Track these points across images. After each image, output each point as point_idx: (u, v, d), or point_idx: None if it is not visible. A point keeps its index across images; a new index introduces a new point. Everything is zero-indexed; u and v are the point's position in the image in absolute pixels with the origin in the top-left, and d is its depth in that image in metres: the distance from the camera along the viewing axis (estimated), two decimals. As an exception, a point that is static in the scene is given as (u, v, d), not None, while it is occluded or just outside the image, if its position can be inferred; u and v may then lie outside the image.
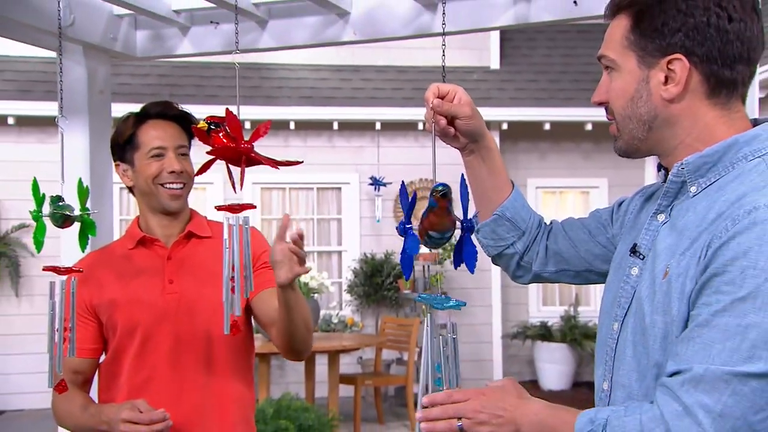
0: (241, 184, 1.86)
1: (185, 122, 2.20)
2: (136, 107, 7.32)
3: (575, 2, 2.54)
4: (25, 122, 8.45)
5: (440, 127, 1.59)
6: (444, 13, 1.86)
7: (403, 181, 1.92)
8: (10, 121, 8.39)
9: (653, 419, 1.17)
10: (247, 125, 8.08)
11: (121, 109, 3.20)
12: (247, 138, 1.77)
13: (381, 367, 7.73)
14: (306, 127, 8.93)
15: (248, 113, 8.16)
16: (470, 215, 1.65)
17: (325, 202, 9.25)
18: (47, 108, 8.15)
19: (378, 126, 8.96)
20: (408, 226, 1.53)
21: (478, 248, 1.68)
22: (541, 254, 1.71)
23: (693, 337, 1.18)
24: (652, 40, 1.31)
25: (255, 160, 1.81)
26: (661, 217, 1.38)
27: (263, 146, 1.72)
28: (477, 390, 1.33)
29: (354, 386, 6.97)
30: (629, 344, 1.35)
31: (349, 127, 9.00)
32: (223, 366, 2.18)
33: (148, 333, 2.13)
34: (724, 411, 1.14)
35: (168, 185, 2.15)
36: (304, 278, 6.95)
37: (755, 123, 1.36)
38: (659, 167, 1.45)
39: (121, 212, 8.46)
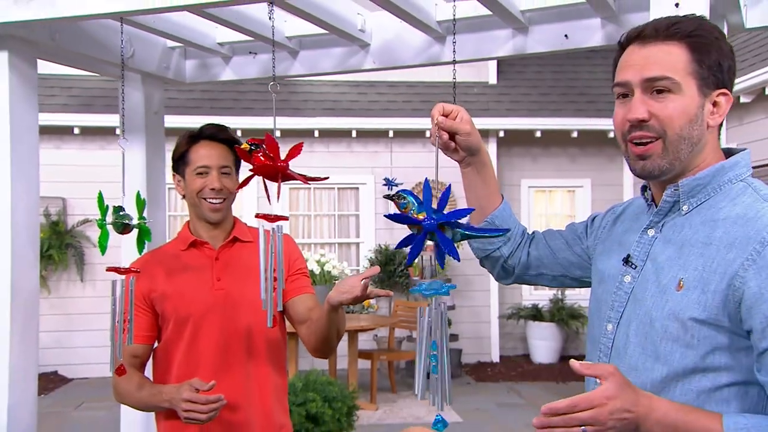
0: (278, 197, 1.86)
1: (233, 145, 2.17)
2: (182, 118, 7.36)
3: (566, 36, 2.52)
4: (88, 132, 8.50)
5: (443, 140, 1.58)
6: (454, 52, 1.84)
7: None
8: (76, 131, 8.44)
9: None
10: (278, 133, 8.10)
11: (169, 121, 3.20)
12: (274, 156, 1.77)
13: (393, 344, 7.73)
14: (328, 135, 8.93)
15: (278, 123, 8.15)
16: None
17: (344, 200, 9.24)
18: (107, 120, 8.20)
19: (391, 134, 8.96)
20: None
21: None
22: (523, 259, 1.69)
23: None
24: (712, 73, 1.29)
25: (289, 176, 1.81)
26: (651, 232, 1.37)
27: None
28: (602, 395, 1.13)
29: (370, 360, 7.01)
30: (632, 345, 1.32)
31: (365, 134, 8.99)
32: (262, 356, 2.18)
33: (199, 324, 2.13)
34: None
35: (209, 200, 2.14)
36: (327, 267, 6.97)
37: (728, 152, 1.36)
38: (643, 189, 1.43)
39: (169, 209, 8.50)
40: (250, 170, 1.78)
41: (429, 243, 1.43)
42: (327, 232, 9.21)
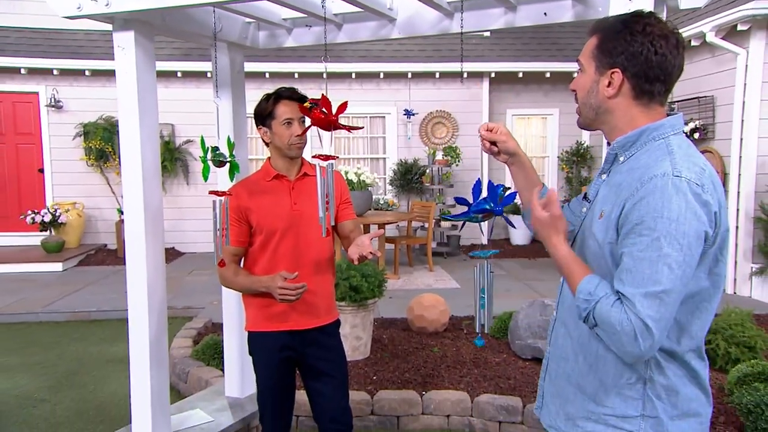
0: (331, 142, 1.88)
1: (303, 101, 2.16)
2: (254, 64, 7.18)
3: (545, 13, 2.43)
4: (188, 75, 8.39)
5: (486, 147, 1.58)
6: (462, 30, 1.79)
7: (479, 179, 1.82)
8: (179, 74, 8.33)
9: (623, 321, 1.16)
10: (324, 75, 7.92)
11: (245, 66, 3.08)
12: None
13: (411, 232, 7.81)
14: (362, 76, 8.72)
15: (323, 68, 7.97)
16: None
17: (375, 126, 9.12)
18: (201, 66, 8.08)
19: (409, 75, 8.72)
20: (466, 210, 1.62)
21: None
22: None
23: (630, 269, 1.17)
24: (604, 57, 1.28)
25: (338, 127, 1.82)
26: (604, 176, 1.37)
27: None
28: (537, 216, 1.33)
29: (394, 244, 7.12)
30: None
31: (390, 76, 8.76)
32: (324, 259, 2.22)
33: (282, 235, 2.15)
34: (661, 316, 1.15)
35: (294, 144, 2.15)
36: (362, 177, 6.98)
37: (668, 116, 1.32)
38: (608, 142, 1.42)
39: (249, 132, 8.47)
40: (311, 122, 1.79)
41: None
42: (361, 149, 9.16)
